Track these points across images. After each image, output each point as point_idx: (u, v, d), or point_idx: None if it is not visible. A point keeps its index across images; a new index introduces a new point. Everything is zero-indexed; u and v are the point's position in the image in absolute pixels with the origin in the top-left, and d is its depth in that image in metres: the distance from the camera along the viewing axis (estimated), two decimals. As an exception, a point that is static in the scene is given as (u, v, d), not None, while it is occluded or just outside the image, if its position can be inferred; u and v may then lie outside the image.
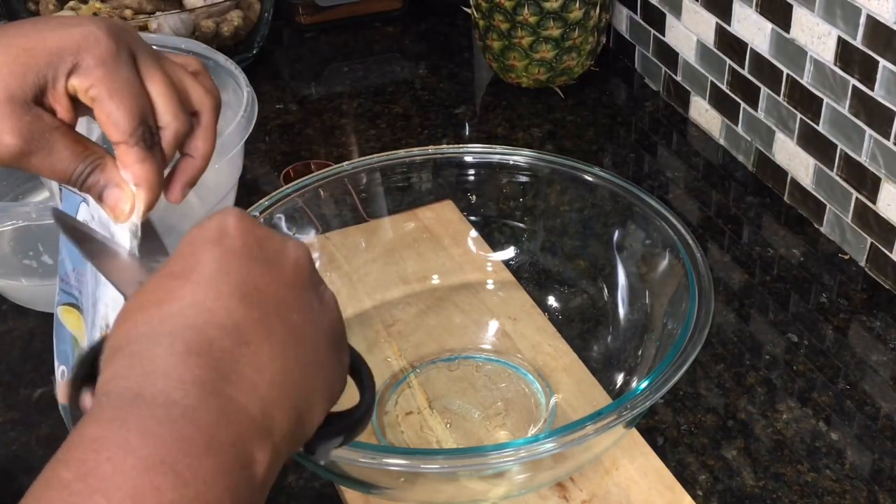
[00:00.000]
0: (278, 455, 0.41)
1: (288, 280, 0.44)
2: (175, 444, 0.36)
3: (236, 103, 0.94)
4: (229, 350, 0.40)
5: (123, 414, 0.37)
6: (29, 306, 0.91)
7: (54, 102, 0.51)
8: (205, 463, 0.36)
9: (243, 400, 0.39)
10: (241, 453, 0.38)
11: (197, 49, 1.00)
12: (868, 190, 0.90)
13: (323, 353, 0.44)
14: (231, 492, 0.37)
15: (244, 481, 0.38)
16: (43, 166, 0.51)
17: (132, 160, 0.51)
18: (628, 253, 0.79)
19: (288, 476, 0.75)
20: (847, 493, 0.73)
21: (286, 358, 0.42)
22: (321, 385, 0.44)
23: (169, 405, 0.37)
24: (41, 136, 0.50)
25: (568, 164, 0.81)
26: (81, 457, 0.35)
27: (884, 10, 0.82)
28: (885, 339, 0.86)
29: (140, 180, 0.52)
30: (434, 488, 0.67)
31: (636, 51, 1.23)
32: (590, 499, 0.70)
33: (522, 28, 1.14)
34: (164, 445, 0.36)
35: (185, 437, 0.36)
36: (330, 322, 0.46)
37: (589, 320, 0.82)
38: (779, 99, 0.99)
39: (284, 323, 0.42)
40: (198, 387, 0.38)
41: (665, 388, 0.62)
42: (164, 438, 0.36)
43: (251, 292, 0.42)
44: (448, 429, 0.75)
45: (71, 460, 0.36)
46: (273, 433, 0.40)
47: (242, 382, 0.39)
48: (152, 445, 0.36)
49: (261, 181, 1.07)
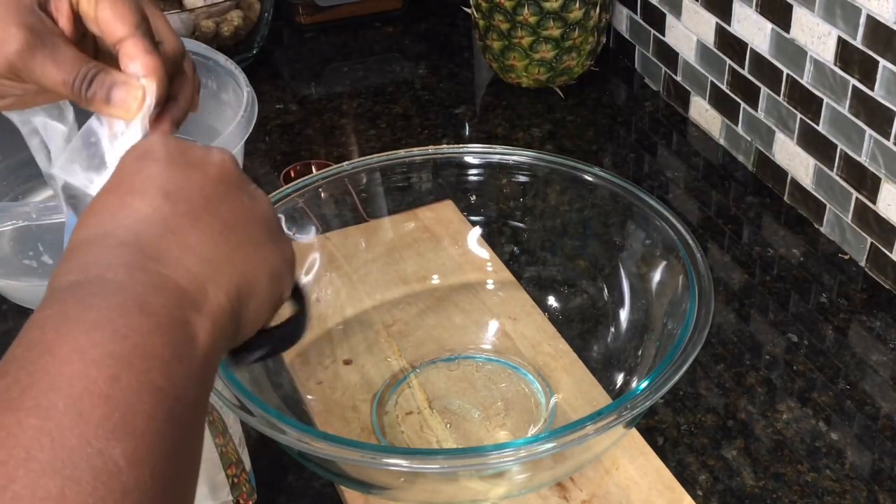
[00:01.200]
0: (219, 328, 0.44)
1: (213, 178, 0.48)
2: (110, 309, 0.40)
3: (236, 103, 0.94)
4: (156, 236, 0.44)
5: (63, 297, 0.41)
6: (29, 306, 0.91)
7: (57, 13, 0.53)
8: (139, 320, 0.40)
9: (172, 274, 0.43)
10: (175, 316, 0.42)
11: (197, 49, 1.00)
12: (868, 190, 0.90)
13: (256, 237, 0.48)
14: (170, 347, 0.40)
15: (182, 340, 0.41)
16: (46, 68, 0.51)
17: (140, 51, 0.52)
18: (628, 253, 0.79)
19: (288, 476, 0.75)
20: (847, 493, 0.73)
21: (216, 242, 0.46)
22: (259, 265, 0.48)
23: (102, 283, 0.41)
24: (46, 35, 0.51)
25: (568, 164, 0.81)
26: (28, 335, 0.39)
27: (884, 10, 0.82)
28: (885, 339, 0.86)
29: (149, 70, 0.52)
30: (434, 488, 0.67)
31: (636, 51, 1.23)
32: (590, 499, 0.70)
33: (522, 28, 1.14)
34: (100, 310, 0.40)
35: (119, 303, 0.40)
36: (263, 213, 0.49)
37: (589, 320, 0.82)
38: (779, 99, 0.99)
39: (213, 214, 0.46)
40: (127, 267, 0.42)
41: (665, 388, 0.62)
42: (99, 306, 0.40)
43: (175, 191, 0.46)
44: (448, 429, 0.75)
45: (20, 338, 0.39)
46: (209, 304, 0.44)
47: (170, 260, 0.43)
48: (90, 311, 0.40)
49: (261, 181, 1.06)
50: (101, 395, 0.37)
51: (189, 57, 0.57)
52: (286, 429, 0.60)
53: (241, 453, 0.70)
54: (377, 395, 0.78)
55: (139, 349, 0.39)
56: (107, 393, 0.37)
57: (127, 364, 0.38)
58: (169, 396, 0.39)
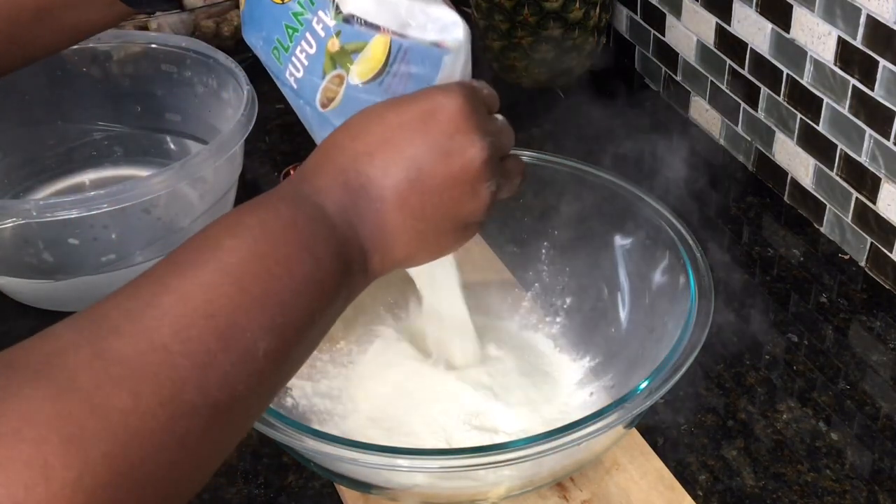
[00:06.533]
0: (360, 287, 0.52)
1: (455, 172, 0.52)
2: (308, 243, 0.48)
3: (237, 102, 0.94)
4: (365, 202, 0.51)
5: (278, 204, 0.49)
6: (29, 304, 0.91)
7: None
8: (319, 255, 0.48)
9: (351, 235, 0.50)
10: (341, 269, 0.49)
11: (197, 48, 1.00)
12: (868, 190, 0.90)
13: (445, 227, 0.54)
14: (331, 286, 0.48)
15: (338, 283, 0.49)
16: None
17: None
18: (628, 253, 0.79)
19: (288, 476, 0.75)
20: (847, 493, 0.73)
21: (409, 225, 0.52)
22: (426, 249, 0.55)
23: (314, 207, 0.49)
24: None
25: (568, 164, 0.81)
26: (235, 214, 0.48)
27: (884, 10, 0.82)
28: (885, 339, 0.86)
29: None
30: (434, 488, 0.67)
31: (636, 51, 1.23)
32: (590, 499, 0.70)
33: (522, 28, 1.14)
34: (299, 238, 0.47)
35: (322, 239, 0.48)
36: (469, 212, 0.54)
37: (589, 320, 0.82)
38: (779, 99, 0.99)
39: (426, 201, 0.52)
40: (337, 210, 0.50)
41: (665, 388, 0.62)
42: (302, 231, 0.48)
43: (421, 174, 0.52)
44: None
45: (229, 214, 0.48)
46: (368, 273, 0.52)
47: (362, 226, 0.51)
48: (280, 219, 0.48)
49: (261, 181, 1.07)
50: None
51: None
52: (286, 429, 0.60)
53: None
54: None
55: (309, 277, 0.46)
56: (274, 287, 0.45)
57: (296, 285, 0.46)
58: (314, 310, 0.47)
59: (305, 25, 0.57)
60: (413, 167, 0.51)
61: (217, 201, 0.93)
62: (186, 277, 0.42)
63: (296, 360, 0.47)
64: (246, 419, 0.44)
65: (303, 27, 0.57)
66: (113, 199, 0.81)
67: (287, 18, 0.58)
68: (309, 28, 0.57)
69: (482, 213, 0.55)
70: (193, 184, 0.93)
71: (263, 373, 0.43)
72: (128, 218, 0.89)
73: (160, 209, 0.92)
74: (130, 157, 1.06)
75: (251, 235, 0.45)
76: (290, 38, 0.58)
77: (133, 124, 1.05)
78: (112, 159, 1.06)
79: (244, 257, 0.44)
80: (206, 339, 0.41)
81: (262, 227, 0.46)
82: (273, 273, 0.45)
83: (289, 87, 0.60)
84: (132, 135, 1.06)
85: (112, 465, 0.35)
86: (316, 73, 0.58)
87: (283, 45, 0.59)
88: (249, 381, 0.42)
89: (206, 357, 0.40)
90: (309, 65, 0.58)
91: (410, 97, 0.54)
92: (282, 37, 0.58)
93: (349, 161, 0.51)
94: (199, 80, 1.01)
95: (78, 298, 0.89)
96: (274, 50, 0.59)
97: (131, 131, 1.06)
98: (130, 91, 1.04)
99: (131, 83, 1.04)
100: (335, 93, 0.57)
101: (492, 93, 0.57)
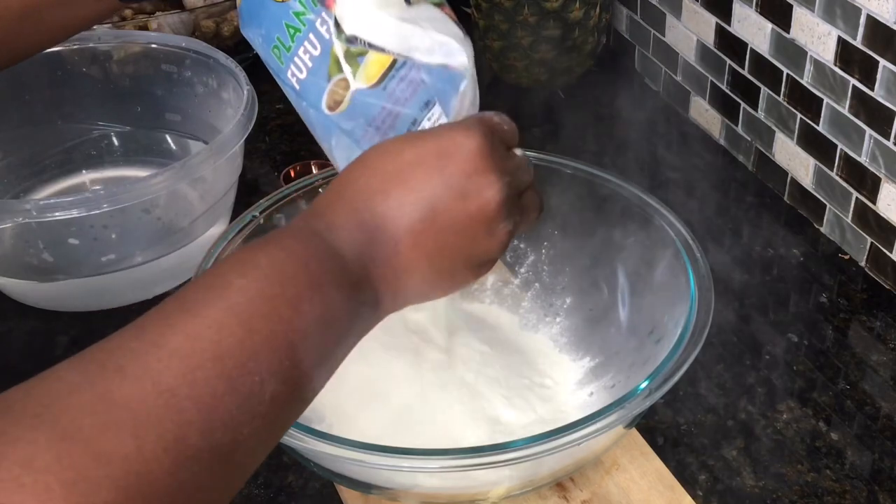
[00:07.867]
0: (370, 324, 0.51)
1: (472, 213, 0.51)
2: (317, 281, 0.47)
3: (236, 102, 0.94)
4: (379, 243, 0.50)
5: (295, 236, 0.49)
6: (29, 304, 0.91)
7: None
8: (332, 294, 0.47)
9: (364, 276, 0.50)
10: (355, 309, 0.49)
11: (197, 48, 1.00)
12: (868, 190, 0.90)
13: (458, 267, 0.53)
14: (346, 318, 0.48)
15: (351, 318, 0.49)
16: None
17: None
18: (628, 253, 0.79)
19: (288, 476, 0.75)
20: (847, 493, 0.73)
21: (426, 265, 0.52)
22: (440, 286, 0.54)
23: (325, 251, 0.48)
24: None
25: (568, 164, 0.81)
26: (246, 252, 0.47)
27: (884, 10, 0.82)
28: (885, 339, 0.86)
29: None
30: (434, 488, 0.67)
31: (636, 51, 1.23)
32: (590, 499, 0.70)
33: (522, 28, 1.14)
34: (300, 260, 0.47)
35: (330, 280, 0.47)
36: (483, 251, 0.53)
37: (589, 320, 0.82)
38: (779, 99, 0.99)
39: (442, 241, 0.51)
40: (350, 250, 0.49)
41: (665, 388, 0.62)
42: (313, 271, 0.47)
43: (434, 213, 0.51)
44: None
45: (239, 252, 0.47)
46: (379, 312, 0.51)
47: (374, 266, 0.50)
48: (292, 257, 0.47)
49: (261, 181, 1.06)
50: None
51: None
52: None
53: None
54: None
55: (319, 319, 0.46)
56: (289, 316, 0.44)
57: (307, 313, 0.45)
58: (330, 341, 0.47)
59: (308, 26, 0.56)
60: (428, 207, 0.51)
61: (217, 201, 0.93)
62: (194, 317, 0.42)
63: (303, 401, 0.46)
64: (251, 461, 0.43)
65: (305, 27, 0.56)
66: (113, 199, 0.81)
67: (288, 18, 0.57)
68: (312, 29, 0.56)
69: (498, 252, 0.54)
70: (193, 184, 0.93)
71: (269, 415, 0.42)
72: (128, 218, 0.89)
73: (160, 209, 0.92)
74: (130, 157, 1.06)
75: (261, 275, 0.45)
76: (292, 39, 0.57)
77: (133, 124, 1.05)
78: (112, 159, 1.06)
79: (253, 297, 0.43)
80: (213, 381, 0.40)
81: (273, 266, 0.45)
82: (282, 315, 0.44)
83: (290, 88, 0.59)
84: (132, 134, 1.06)
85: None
86: (321, 76, 0.57)
87: (285, 45, 0.58)
88: (255, 424, 0.41)
89: (211, 400, 0.39)
90: (313, 66, 0.57)
91: (428, 133, 0.53)
92: (282, 36, 0.58)
93: (364, 199, 0.51)
94: (199, 80, 1.01)
95: (78, 298, 0.89)
96: (274, 48, 0.59)
97: (131, 131, 1.06)
98: (130, 91, 1.04)
99: (131, 83, 1.04)
100: (342, 96, 0.57)
101: (512, 128, 0.57)
